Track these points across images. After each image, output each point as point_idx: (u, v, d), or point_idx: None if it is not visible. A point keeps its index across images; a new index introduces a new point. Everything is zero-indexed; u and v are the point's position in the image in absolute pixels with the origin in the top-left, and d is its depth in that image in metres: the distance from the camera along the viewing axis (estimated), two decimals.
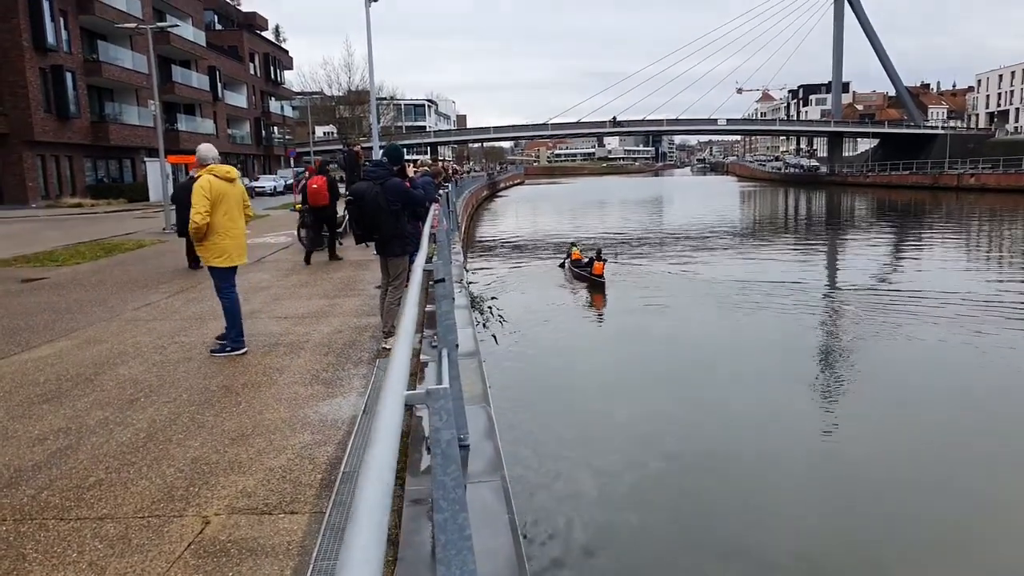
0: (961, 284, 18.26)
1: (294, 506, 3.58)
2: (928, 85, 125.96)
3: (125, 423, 4.82)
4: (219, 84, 50.32)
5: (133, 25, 31.07)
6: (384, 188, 6.66)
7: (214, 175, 6.53)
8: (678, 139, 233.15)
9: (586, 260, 19.91)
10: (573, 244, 22.60)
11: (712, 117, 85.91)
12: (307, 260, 12.65)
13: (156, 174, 31.13)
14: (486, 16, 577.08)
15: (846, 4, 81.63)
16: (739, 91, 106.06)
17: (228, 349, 6.56)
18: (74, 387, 5.65)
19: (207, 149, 6.85)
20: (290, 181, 34.18)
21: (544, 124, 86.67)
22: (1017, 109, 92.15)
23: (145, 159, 38.38)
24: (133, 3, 38.67)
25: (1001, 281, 19.48)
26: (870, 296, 17.17)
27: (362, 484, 1.11)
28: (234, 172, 6.80)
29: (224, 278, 6.63)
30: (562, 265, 21.96)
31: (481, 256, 27.48)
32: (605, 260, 19.40)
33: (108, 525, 3.45)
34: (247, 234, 6.98)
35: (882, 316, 15.05)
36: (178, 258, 14.07)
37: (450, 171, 35.09)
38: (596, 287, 18.69)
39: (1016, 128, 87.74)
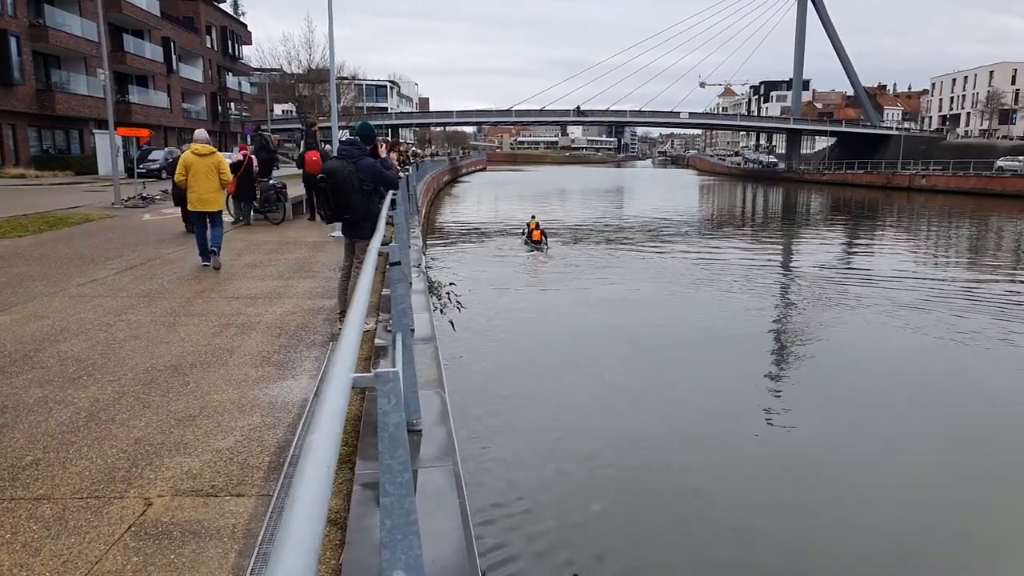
0: (908, 277, 18.84)
1: (241, 488, 3.52)
2: (885, 86, 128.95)
3: (65, 402, 4.67)
4: (174, 56, 48.79)
5: None
6: (358, 167, 6.53)
7: (192, 151, 9.77)
8: (640, 131, 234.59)
9: (536, 234, 24.58)
10: (533, 217, 26.51)
11: (675, 110, 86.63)
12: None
13: (105, 146, 30.09)
14: None
15: (809, 3, 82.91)
16: (702, 85, 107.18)
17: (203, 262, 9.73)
18: (11, 364, 5.44)
19: (198, 133, 10.17)
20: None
21: (508, 110, 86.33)
22: (968, 113, 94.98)
23: (94, 131, 37.12)
24: None
25: (946, 275, 20.11)
26: (821, 284, 17.60)
27: (303, 467, 1.07)
28: (206, 149, 9.79)
29: (194, 219, 10.04)
30: (523, 233, 26.23)
31: (441, 241, 27.33)
32: (543, 230, 24.92)
33: (44, 506, 3.33)
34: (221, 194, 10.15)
35: (831, 303, 15.53)
36: (127, 233, 13.70)
37: (408, 154, 34.72)
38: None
39: (966, 132, 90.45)
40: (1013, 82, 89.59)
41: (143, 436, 4.14)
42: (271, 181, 16.14)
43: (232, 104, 62.36)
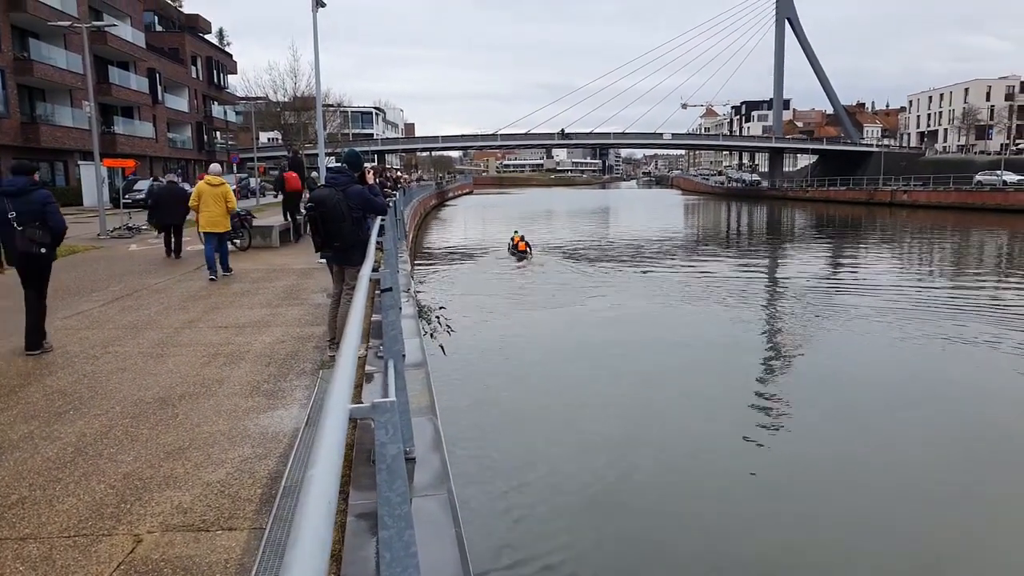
0: (895, 289, 18.99)
1: (232, 522, 3.46)
2: (863, 104, 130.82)
3: (52, 437, 4.59)
4: (159, 87, 48.85)
5: (67, 23, 29.90)
6: (347, 195, 6.53)
7: (206, 182, 11.82)
8: (624, 152, 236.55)
9: (521, 244, 27.82)
10: (516, 231, 29.66)
11: (658, 131, 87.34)
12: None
13: (91, 178, 29.99)
14: (436, 26, 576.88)
15: (787, 25, 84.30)
16: (684, 107, 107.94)
17: (210, 276, 11.33)
18: None
19: (212, 167, 12.41)
20: (233, 187, 33.24)
21: (493, 135, 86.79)
22: (945, 129, 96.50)
23: (79, 162, 37.01)
24: (68, 1, 37.30)
25: (933, 289, 20.31)
26: (810, 298, 17.69)
27: (304, 503, 1.05)
28: (217, 180, 11.87)
29: (204, 239, 11.76)
30: (509, 247, 28.96)
31: (429, 264, 27.31)
32: (527, 242, 28.12)
33: (31, 545, 3.26)
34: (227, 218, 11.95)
35: (820, 316, 15.60)
36: (113, 264, 13.60)
37: (391, 177, 34.76)
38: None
39: (944, 148, 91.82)
40: (988, 99, 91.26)
41: (132, 471, 4.07)
42: (235, 209, 16.13)
43: (218, 133, 62.42)
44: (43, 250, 6.75)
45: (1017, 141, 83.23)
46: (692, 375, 11.95)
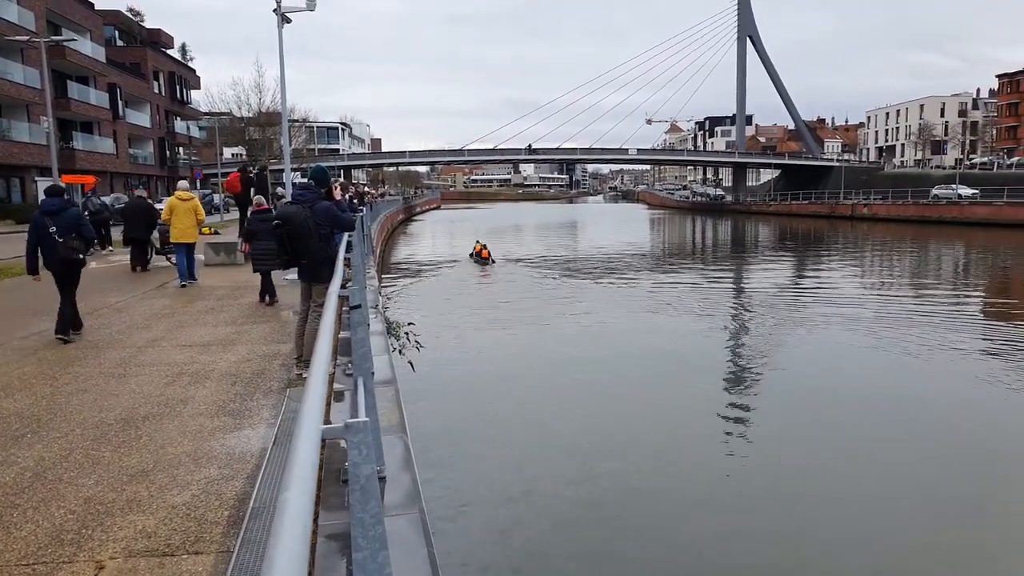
0: (859, 301, 19.38)
1: (199, 546, 3.38)
2: (824, 120, 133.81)
3: (8, 462, 4.45)
4: (120, 102, 48.07)
5: (25, 38, 29.34)
6: (314, 211, 6.48)
7: (176, 197, 12.53)
8: (591, 167, 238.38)
9: (484, 252, 29.99)
10: (478, 241, 31.68)
11: (623, 147, 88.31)
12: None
13: None
14: (403, 43, 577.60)
15: (748, 42, 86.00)
16: (649, 122, 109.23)
17: (181, 283, 12.32)
18: None
19: (181, 183, 13.32)
20: None
21: (461, 150, 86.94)
22: (903, 144, 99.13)
23: (36, 178, 36.19)
24: (25, 15, 36.59)
25: (897, 299, 20.78)
26: (775, 309, 17.97)
27: (278, 527, 1.03)
28: (187, 195, 12.54)
29: (176, 249, 12.62)
30: (471, 255, 30.97)
31: (397, 280, 27.17)
32: (488, 250, 30.19)
33: None
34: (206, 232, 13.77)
35: (786, 327, 15.85)
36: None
37: (361, 193, 34.55)
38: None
39: (902, 162, 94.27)
40: (942, 115, 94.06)
41: (93, 495, 3.97)
42: (204, 221, 15.78)
43: (180, 148, 61.60)
44: (80, 255, 8.18)
45: (971, 156, 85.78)
46: (662, 386, 12.06)
